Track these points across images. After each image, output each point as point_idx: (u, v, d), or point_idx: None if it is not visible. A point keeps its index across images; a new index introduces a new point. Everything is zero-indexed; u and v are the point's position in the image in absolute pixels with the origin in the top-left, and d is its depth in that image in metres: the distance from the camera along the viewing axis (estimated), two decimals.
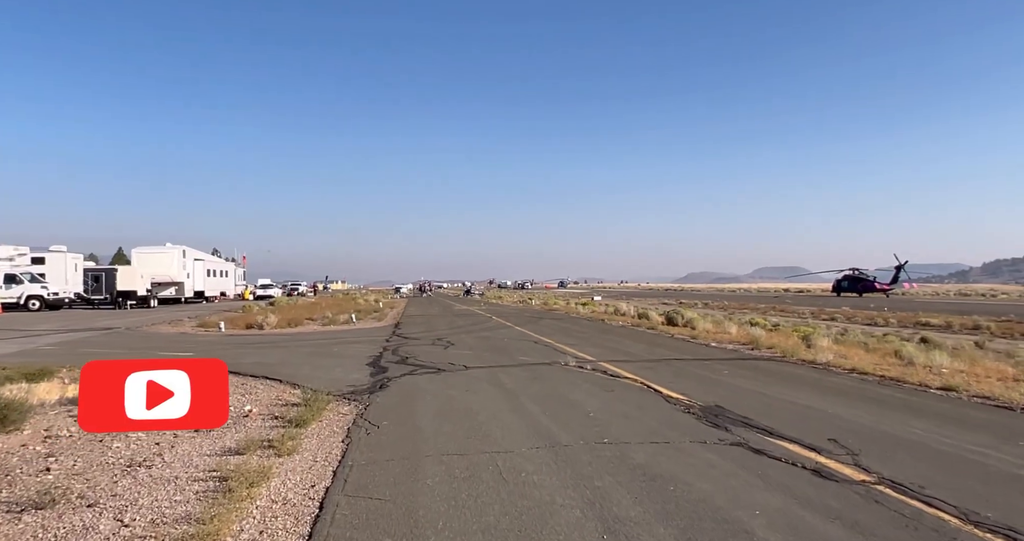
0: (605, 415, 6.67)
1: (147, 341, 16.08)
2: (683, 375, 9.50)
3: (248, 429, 6.54)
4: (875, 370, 9.62)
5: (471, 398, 7.83)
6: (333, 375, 10.05)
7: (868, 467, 4.56)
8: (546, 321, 24.13)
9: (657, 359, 11.59)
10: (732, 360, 11.46)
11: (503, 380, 9.26)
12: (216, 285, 48.20)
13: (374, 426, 6.47)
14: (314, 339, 16.90)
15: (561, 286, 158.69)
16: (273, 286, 63.14)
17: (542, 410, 7.00)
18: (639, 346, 14.04)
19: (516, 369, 10.40)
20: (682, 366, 10.59)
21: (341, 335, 18.37)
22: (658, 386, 8.37)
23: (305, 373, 10.23)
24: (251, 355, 12.93)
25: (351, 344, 15.20)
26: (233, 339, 16.92)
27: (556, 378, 9.38)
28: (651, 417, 6.52)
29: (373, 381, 9.43)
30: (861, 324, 29.37)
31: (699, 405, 7.06)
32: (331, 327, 22.11)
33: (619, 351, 13.00)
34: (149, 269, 37.10)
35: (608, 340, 15.70)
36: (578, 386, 8.59)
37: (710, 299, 61.07)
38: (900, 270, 65.31)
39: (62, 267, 33.91)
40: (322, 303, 38.60)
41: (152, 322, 23.53)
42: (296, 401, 7.80)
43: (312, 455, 5.49)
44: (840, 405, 7.05)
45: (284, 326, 21.52)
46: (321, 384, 9.13)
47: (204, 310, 33.56)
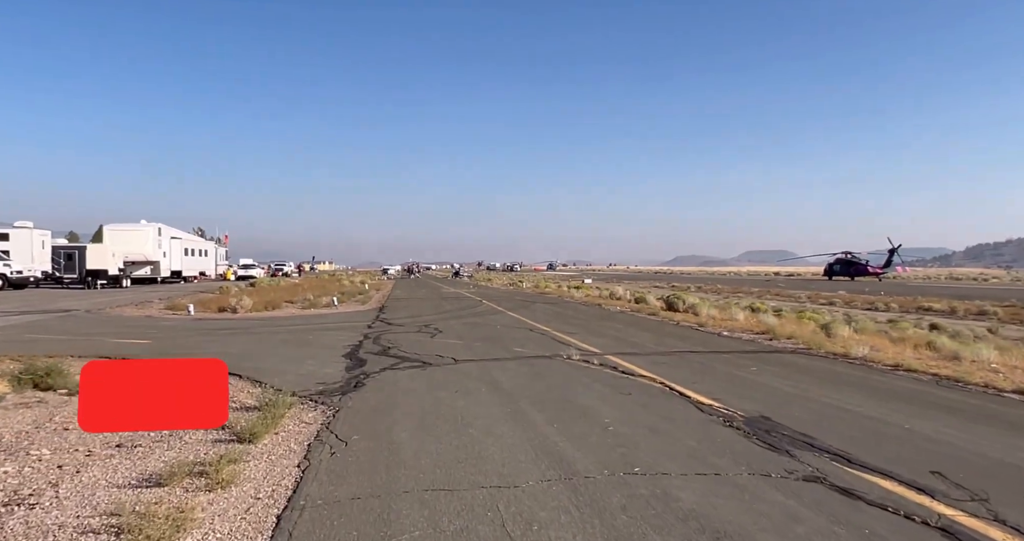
0: (627, 428, 5.42)
1: (102, 326, 14.63)
2: (706, 372, 8.26)
3: (184, 444, 5.23)
4: (923, 367, 8.45)
5: (461, 402, 6.55)
6: (303, 369, 8.74)
7: (1018, 525, 3.32)
8: (539, 305, 22.88)
9: (669, 351, 10.36)
10: (753, 353, 10.25)
11: (498, 378, 7.98)
12: (195, 265, 46.41)
13: (341, 442, 5.18)
14: (290, 325, 15.52)
15: (550, 269, 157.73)
16: (255, 266, 61.26)
17: (548, 420, 5.74)
18: (645, 335, 12.81)
19: (512, 364, 9.13)
20: (701, 361, 9.36)
21: (320, 320, 17.01)
22: (682, 387, 7.12)
23: (271, 367, 8.91)
24: (215, 344, 11.56)
25: (329, 331, 13.86)
26: (201, 324, 15.51)
27: (559, 375, 8.13)
28: (685, 432, 5.28)
29: (348, 377, 8.13)
30: (861, 309, 28.46)
31: (740, 415, 5.81)
32: (311, 311, 20.72)
33: (625, 341, 11.77)
34: (122, 247, 35.28)
35: (610, 328, 14.47)
36: (587, 386, 7.33)
37: (702, 282, 60.20)
38: (893, 254, 64.73)
39: (28, 244, 32.00)
40: (305, 284, 37.13)
41: (118, 303, 21.98)
42: (253, 404, 6.49)
43: (255, 488, 4.19)
44: (913, 416, 5.82)
45: (261, 309, 20.11)
46: (287, 381, 7.84)
47: (179, 291, 31.94)
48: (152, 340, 11.93)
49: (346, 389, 7.39)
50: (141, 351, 10.27)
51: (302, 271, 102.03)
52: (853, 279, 65.39)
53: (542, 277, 67.89)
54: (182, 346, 11.05)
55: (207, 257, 50.00)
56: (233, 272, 57.29)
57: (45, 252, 33.78)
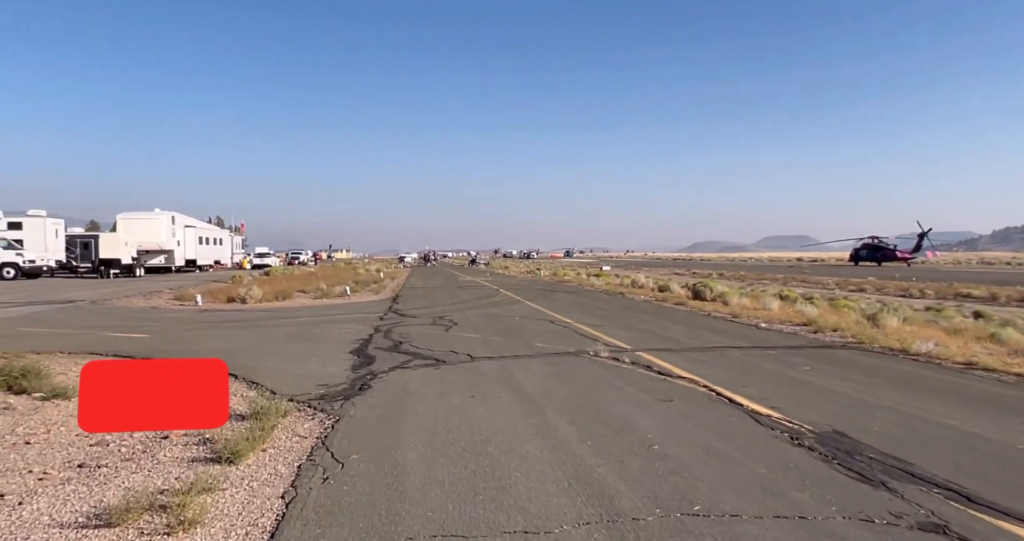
0: (676, 447, 4.55)
1: (104, 318, 14.03)
2: (753, 373, 7.34)
3: (156, 464, 4.48)
4: (1001, 365, 7.44)
5: (479, 411, 5.73)
6: (305, 368, 7.98)
7: None
8: (559, 295, 21.99)
9: (706, 347, 9.44)
10: (800, 349, 9.29)
11: (520, 379, 7.15)
12: (209, 253, 46.12)
13: (337, 463, 4.39)
14: (299, 316, 14.82)
15: (567, 256, 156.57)
16: (271, 255, 61.00)
17: (581, 436, 4.89)
18: (677, 328, 11.88)
19: (534, 362, 8.29)
20: (744, 358, 8.43)
21: (331, 311, 16.30)
22: (731, 392, 6.22)
23: (272, 365, 8.17)
24: (216, 338, 10.86)
25: (339, 323, 13.12)
26: (206, 316, 14.86)
27: (588, 376, 7.27)
28: (748, 453, 4.39)
29: (353, 378, 7.35)
30: (894, 296, 27.20)
31: (809, 430, 4.90)
32: (323, 301, 20.06)
33: (655, 335, 10.86)
34: (135, 236, 34.95)
35: (637, 319, 13.56)
36: (620, 391, 6.47)
37: (724, 269, 58.82)
38: (923, 238, 62.65)
39: (41, 233, 31.72)
40: (319, 273, 36.60)
41: (126, 294, 21.50)
42: (244, 411, 5.73)
43: (225, 530, 3.40)
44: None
45: (271, 300, 19.47)
46: (286, 383, 7.10)
47: (191, 280, 31.53)
48: (151, 334, 11.26)
49: (350, 393, 6.61)
50: (136, 347, 9.59)
51: (319, 259, 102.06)
52: (880, 265, 63.53)
53: (560, 265, 66.96)
54: (180, 341, 10.35)
55: (222, 246, 49.71)
56: (249, 261, 57.10)
57: (59, 241, 33.53)
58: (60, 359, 8.61)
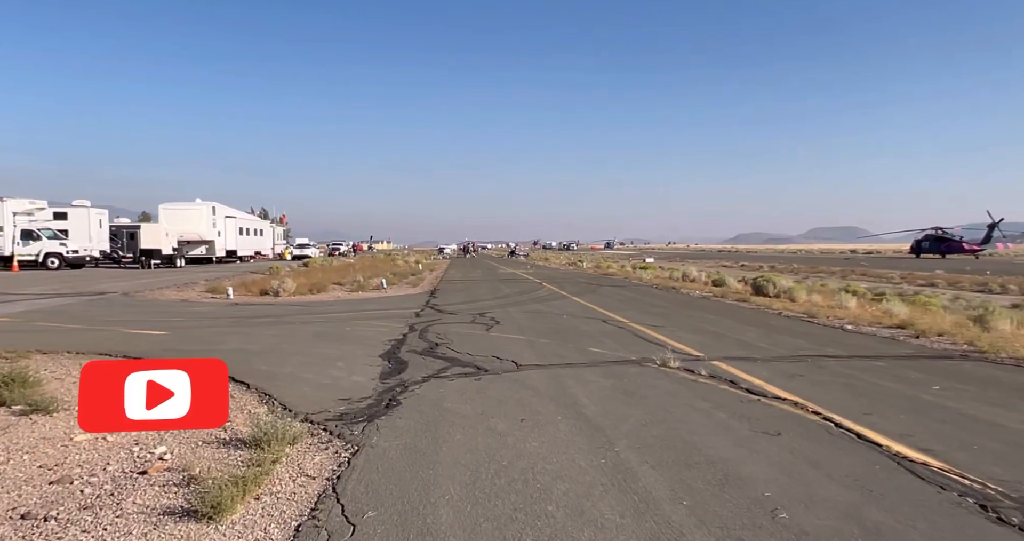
0: (812, 516, 3.26)
1: (128, 312, 13.37)
2: (870, 394, 5.92)
3: (115, 518, 3.44)
4: None
5: (531, 444, 4.54)
6: (328, 376, 6.94)
7: None
8: (607, 289, 20.63)
9: (794, 355, 8.02)
10: (912, 359, 7.77)
11: (577, 396, 5.93)
12: (250, 244, 46.17)
13: (348, 525, 3.27)
14: (330, 312, 13.91)
15: (608, 247, 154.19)
16: (311, 246, 61.05)
17: (672, 490, 3.64)
18: (750, 330, 10.43)
19: (592, 372, 7.05)
20: (847, 371, 6.98)
21: (365, 306, 15.37)
22: (854, 423, 4.86)
23: (290, 371, 7.16)
24: (237, 336, 9.96)
25: (372, 320, 12.12)
26: (235, 310, 14.09)
27: (661, 394, 5.99)
28: (929, 535, 3.07)
29: (381, 390, 6.27)
30: (971, 291, 24.95)
31: (1001, 492, 3.51)
32: (358, 294, 19.21)
33: (727, 339, 9.46)
34: (176, 226, 34.95)
35: (700, 319, 12.13)
36: (708, 416, 5.18)
37: (774, 261, 56.26)
38: (993, 229, 58.53)
39: (85, 223, 31.92)
40: (357, 265, 36.01)
41: (161, 285, 21.07)
42: (247, 434, 4.69)
43: None
44: None
45: (304, 293, 18.71)
46: (303, 395, 6.08)
47: (230, 271, 31.28)
48: (170, 331, 10.44)
49: (375, 411, 5.52)
50: (149, 346, 8.74)
51: (359, 251, 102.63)
52: (944, 257, 59.79)
53: (601, 256, 65.31)
54: (198, 340, 9.46)
55: (263, 236, 49.79)
56: (290, 252, 57.25)
57: (103, 231, 33.72)
58: (64, 360, 7.79)
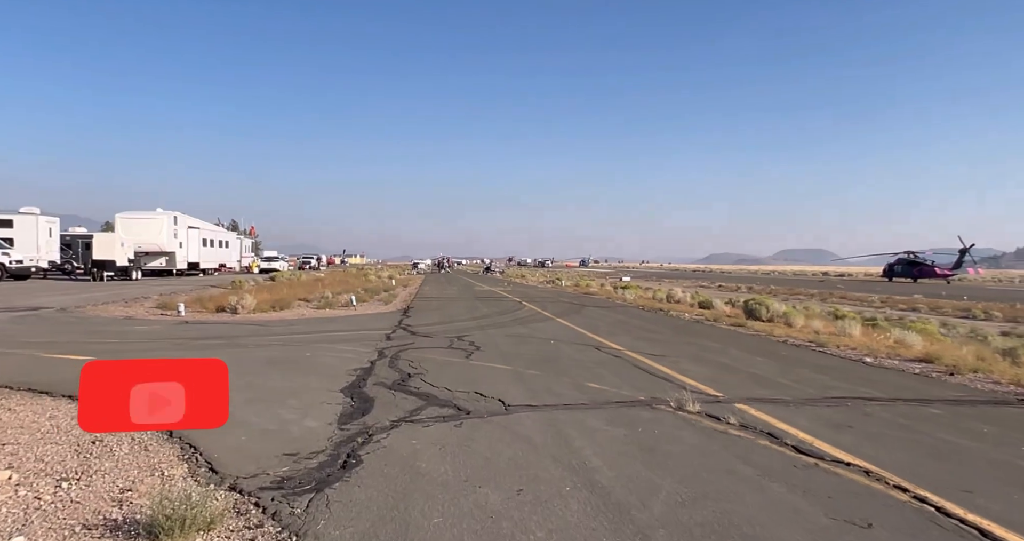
0: None
1: (57, 331, 11.75)
2: (949, 455, 4.77)
3: None
4: None
5: (536, 534, 3.34)
6: (274, 419, 5.64)
7: None
8: (592, 310, 19.54)
9: (825, 396, 6.91)
10: (961, 404, 6.70)
11: (583, 452, 4.73)
12: (214, 256, 44.12)
13: None
14: (292, 332, 12.53)
15: (583, 265, 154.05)
16: (279, 259, 58.92)
17: None
18: (762, 362, 9.35)
19: (595, 417, 5.86)
20: (902, 422, 5.80)
21: (331, 325, 14.01)
22: (954, 505, 3.73)
23: (230, 412, 5.82)
24: None
25: (337, 343, 10.78)
26: (183, 330, 12.61)
27: (688, 451, 4.82)
28: None
29: (339, 440, 5.02)
30: (956, 317, 24.56)
31: None
32: (325, 312, 17.79)
33: (739, 372, 8.37)
34: (134, 236, 32.95)
35: (701, 347, 11.04)
36: (759, 488, 4.01)
37: (751, 283, 56.13)
38: (964, 254, 59.40)
39: (32, 232, 29.75)
40: (327, 279, 34.42)
41: (109, 300, 19.33)
42: (145, 517, 3.41)
43: None
44: None
45: (266, 309, 17.21)
46: (239, 446, 4.81)
47: (190, 284, 29.47)
48: (96, 356, 8.99)
49: (328, 473, 4.27)
50: (60, 377, 7.25)
51: (331, 264, 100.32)
52: (916, 281, 60.44)
53: (577, 274, 64.48)
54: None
55: (229, 248, 47.73)
56: (258, 265, 55.18)
57: (53, 240, 31.58)
58: None
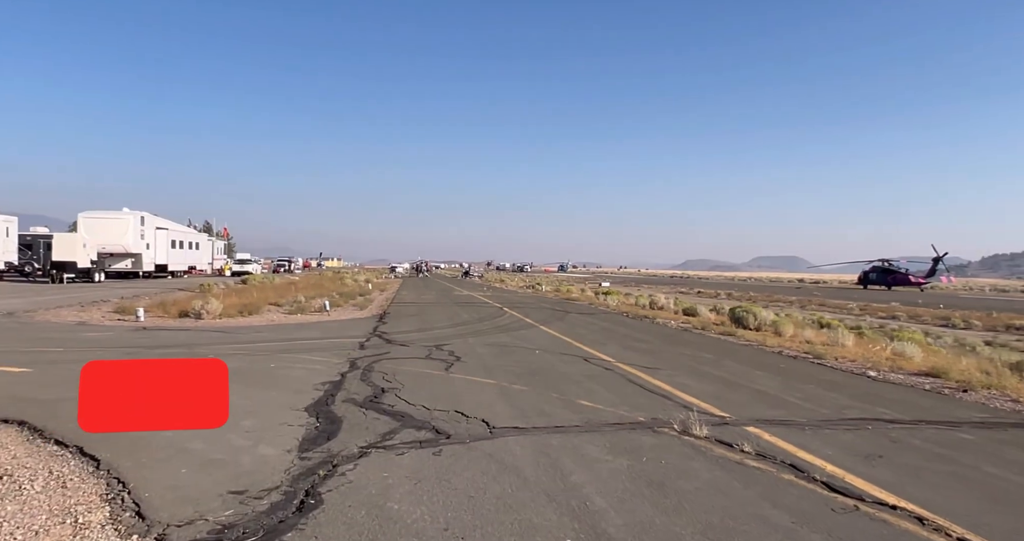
0: None
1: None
2: (1004, 496, 4.17)
3: None
4: None
5: None
6: (223, 446, 4.87)
7: None
8: (575, 317, 18.91)
9: (842, 417, 6.30)
10: (991, 428, 6.09)
11: (584, 490, 4.06)
12: (184, 258, 42.64)
13: None
14: (258, 340, 11.68)
15: (561, 270, 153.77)
16: (252, 262, 57.35)
17: None
18: (762, 376, 8.76)
19: (592, 442, 5.19)
20: (936, 450, 5.15)
21: (302, 332, 13.17)
22: None
23: (169, 437, 5.03)
24: None
25: (306, 353, 9.98)
26: (138, 337, 11.67)
27: (702, 488, 4.17)
28: None
29: (297, 472, 4.28)
30: (936, 326, 24.51)
31: None
32: (297, 317, 16.92)
33: (741, 387, 7.77)
34: (98, 237, 31.54)
35: (695, 359, 10.44)
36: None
37: (730, 289, 56.15)
38: (938, 262, 60.14)
39: None
40: (301, 283, 33.36)
41: (64, 303, 18.19)
42: None
43: None
44: None
45: (234, 315, 16.30)
46: (176, 483, 4.06)
47: (156, 287, 28.20)
48: (36, 367, 8.06)
49: (280, 518, 3.54)
50: None
51: (308, 267, 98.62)
52: (890, 289, 61.03)
53: (557, 279, 64.00)
54: (69, 382, 7.05)
55: (199, 250, 46.22)
56: (230, 267, 53.66)
57: (11, 240, 30.05)
58: None
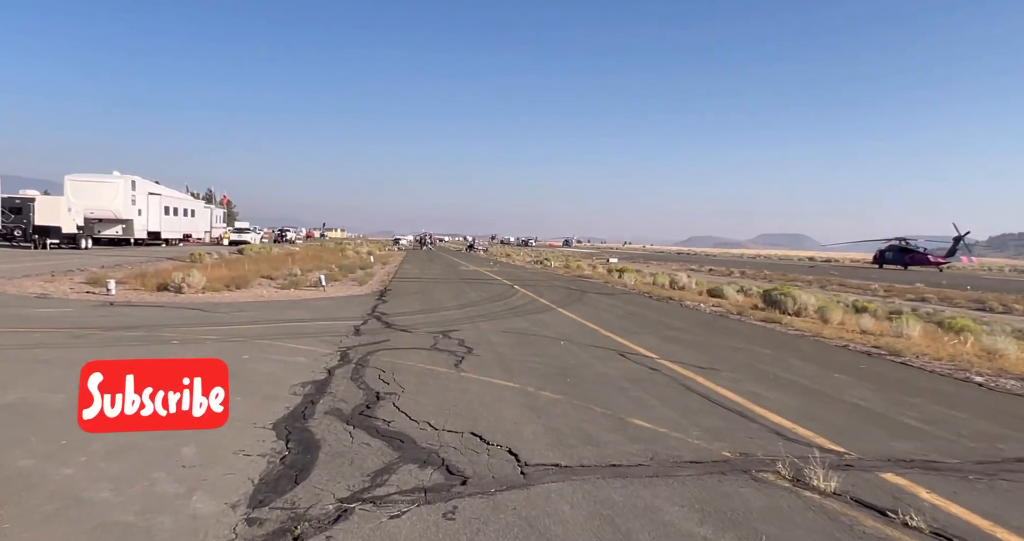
0: None
1: None
2: None
3: None
4: None
5: None
6: (140, 496, 3.31)
7: None
8: (594, 297, 17.31)
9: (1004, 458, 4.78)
10: None
11: None
12: (178, 226, 40.99)
13: None
14: (238, 321, 10.13)
15: (566, 245, 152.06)
16: (250, 231, 55.64)
17: None
18: (850, 384, 7.14)
19: (671, 501, 3.61)
20: None
21: (291, 312, 11.62)
22: None
23: (68, 475, 3.49)
24: (53, 369, 6.12)
25: (289, 339, 8.43)
26: (99, 314, 10.13)
27: None
28: None
29: None
30: (972, 309, 22.86)
31: None
32: (289, 292, 15.36)
33: (839, 403, 6.17)
34: (85, 202, 29.91)
35: (752, 355, 8.81)
36: None
37: (742, 267, 54.37)
38: (959, 242, 58.23)
39: None
40: (301, 254, 31.78)
41: (34, 272, 16.65)
42: None
43: None
44: None
45: (220, 289, 14.72)
46: None
47: (145, 255, 26.65)
48: None
49: None
50: None
51: (310, 237, 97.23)
52: (906, 268, 59.30)
53: (563, 254, 62.31)
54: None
55: (195, 218, 44.55)
56: (228, 236, 52.08)
57: None
58: None
